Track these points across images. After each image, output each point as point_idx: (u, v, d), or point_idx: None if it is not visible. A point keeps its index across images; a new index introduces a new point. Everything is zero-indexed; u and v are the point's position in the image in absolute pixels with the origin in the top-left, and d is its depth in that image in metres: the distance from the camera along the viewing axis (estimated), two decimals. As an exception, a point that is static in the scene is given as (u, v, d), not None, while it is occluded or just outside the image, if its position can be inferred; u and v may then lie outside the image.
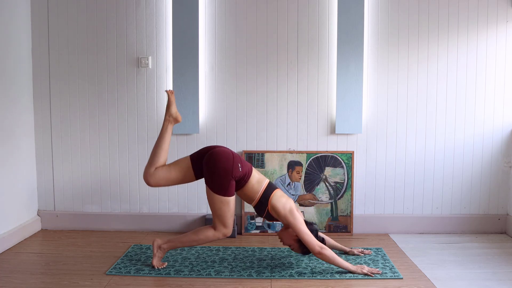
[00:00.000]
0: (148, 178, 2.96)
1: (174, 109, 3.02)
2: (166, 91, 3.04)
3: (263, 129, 3.79)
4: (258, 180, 2.96)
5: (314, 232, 2.94)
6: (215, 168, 2.84)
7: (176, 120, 3.04)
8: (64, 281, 2.80)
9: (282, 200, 2.93)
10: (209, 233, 2.92)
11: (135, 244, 3.50)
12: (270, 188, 2.97)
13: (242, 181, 2.92)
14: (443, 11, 3.69)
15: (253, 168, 3.01)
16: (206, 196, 2.94)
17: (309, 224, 2.98)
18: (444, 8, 3.69)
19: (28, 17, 3.73)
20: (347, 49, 3.67)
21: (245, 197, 3.01)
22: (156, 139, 3.17)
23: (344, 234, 3.73)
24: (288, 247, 3.03)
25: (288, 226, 2.96)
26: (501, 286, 2.76)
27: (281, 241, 3.06)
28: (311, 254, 3.09)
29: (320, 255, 2.83)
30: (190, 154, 3.09)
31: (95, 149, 3.83)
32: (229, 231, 2.91)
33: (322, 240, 2.98)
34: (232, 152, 2.93)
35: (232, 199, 2.88)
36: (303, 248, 2.95)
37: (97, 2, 3.73)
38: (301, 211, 3.60)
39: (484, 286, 2.76)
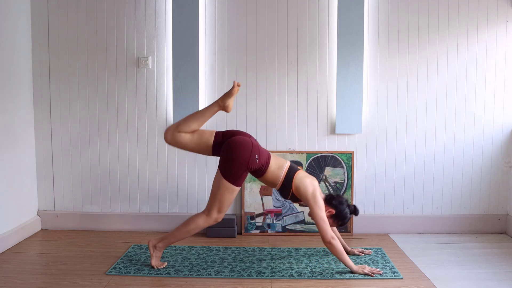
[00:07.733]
0: (168, 134, 2.97)
1: (231, 101, 2.95)
2: (235, 82, 2.92)
3: (263, 129, 3.79)
4: (278, 165, 2.99)
5: (345, 203, 3.02)
6: (232, 156, 2.85)
7: (225, 108, 2.97)
8: (64, 281, 2.80)
9: (306, 181, 2.95)
10: (200, 220, 2.93)
11: (135, 244, 3.49)
12: (292, 170, 3.00)
13: (260, 171, 2.96)
14: (443, 11, 3.69)
15: (271, 155, 3.01)
16: (214, 178, 2.93)
17: (337, 196, 3.05)
18: (444, 8, 3.69)
19: (28, 17, 3.72)
20: (347, 49, 3.67)
21: (267, 183, 3.05)
22: (197, 111, 3.06)
23: (344, 234, 3.73)
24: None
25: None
26: (501, 286, 2.76)
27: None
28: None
29: (330, 245, 2.84)
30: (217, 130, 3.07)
31: (95, 149, 3.83)
32: (221, 217, 2.94)
33: (354, 209, 3.06)
34: (252, 143, 2.92)
35: (237, 190, 2.90)
36: (338, 222, 3.03)
37: (97, 2, 3.73)
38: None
39: (484, 286, 2.76)
